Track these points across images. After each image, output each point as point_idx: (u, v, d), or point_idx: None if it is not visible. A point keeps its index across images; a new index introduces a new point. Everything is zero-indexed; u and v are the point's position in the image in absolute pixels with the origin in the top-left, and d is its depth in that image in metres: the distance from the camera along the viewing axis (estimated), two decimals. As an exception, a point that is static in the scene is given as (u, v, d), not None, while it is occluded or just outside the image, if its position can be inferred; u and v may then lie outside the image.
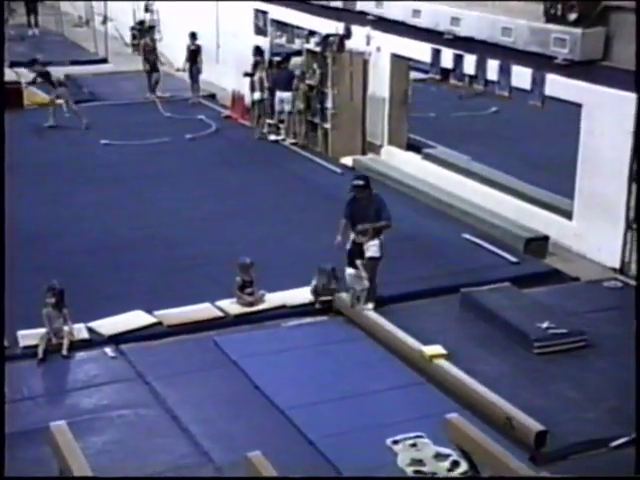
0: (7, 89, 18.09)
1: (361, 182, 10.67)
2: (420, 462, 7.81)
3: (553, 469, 7.72)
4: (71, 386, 9.25)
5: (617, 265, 12.04)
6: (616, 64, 11.87)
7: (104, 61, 25.30)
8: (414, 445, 8.04)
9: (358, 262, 10.39)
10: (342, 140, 17.03)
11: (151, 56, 21.25)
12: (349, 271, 10.52)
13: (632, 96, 11.54)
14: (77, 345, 9.82)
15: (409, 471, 7.73)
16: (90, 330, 10.12)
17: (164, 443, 8.18)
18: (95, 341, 9.98)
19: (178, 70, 22.59)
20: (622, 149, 11.78)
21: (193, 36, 20.74)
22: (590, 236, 12.49)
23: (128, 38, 26.85)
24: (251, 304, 10.73)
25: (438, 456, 7.88)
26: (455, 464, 7.72)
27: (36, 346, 9.62)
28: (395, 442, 8.08)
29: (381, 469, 7.74)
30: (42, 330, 9.75)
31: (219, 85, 21.98)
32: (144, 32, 22.80)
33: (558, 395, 8.99)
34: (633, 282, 11.61)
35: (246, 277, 10.81)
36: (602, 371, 9.46)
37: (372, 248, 10.42)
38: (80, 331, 10.01)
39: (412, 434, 8.16)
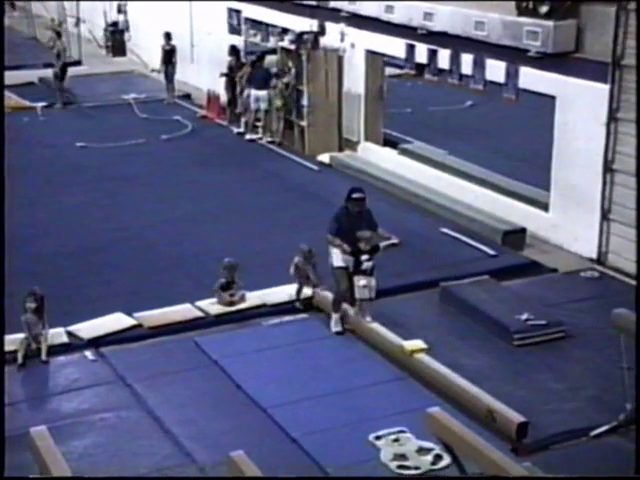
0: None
1: (363, 195, 10.15)
2: (403, 457, 7.84)
3: (535, 460, 7.77)
4: (51, 391, 9.21)
5: (594, 255, 12.12)
6: (588, 56, 11.96)
7: (78, 63, 25.14)
8: (397, 440, 8.07)
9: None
10: (319, 137, 17.02)
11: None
12: (361, 282, 9.95)
13: (605, 87, 11.63)
14: (57, 349, 9.78)
15: (392, 466, 7.76)
16: (70, 334, 10.08)
17: (147, 445, 8.16)
18: (75, 345, 9.94)
19: (153, 71, 22.50)
20: (596, 140, 11.86)
21: (168, 36, 20.66)
22: (567, 227, 12.57)
23: (102, 40, 26.70)
24: (231, 304, 10.72)
25: (421, 450, 7.91)
26: (438, 457, 7.76)
27: (15, 351, 9.56)
28: (378, 437, 8.10)
29: (364, 465, 7.76)
30: (21, 335, 9.69)
31: (194, 85, 21.91)
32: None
33: (538, 386, 9.06)
34: (610, 272, 11.71)
35: (230, 278, 10.78)
36: (581, 361, 9.53)
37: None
38: (59, 335, 9.97)
39: (394, 429, 8.19)
